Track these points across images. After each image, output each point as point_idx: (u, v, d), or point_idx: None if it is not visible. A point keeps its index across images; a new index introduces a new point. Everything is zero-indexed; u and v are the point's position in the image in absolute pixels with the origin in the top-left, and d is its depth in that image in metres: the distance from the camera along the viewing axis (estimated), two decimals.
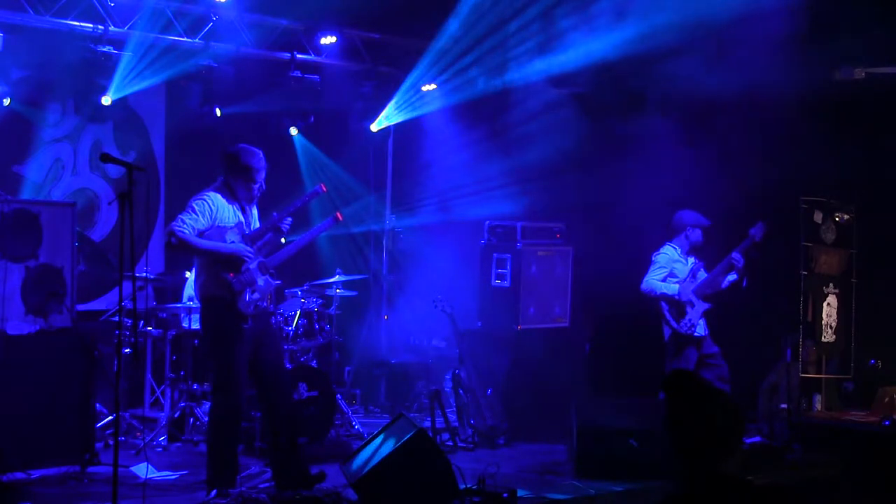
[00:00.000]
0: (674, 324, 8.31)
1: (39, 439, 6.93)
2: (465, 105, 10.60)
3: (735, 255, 8.21)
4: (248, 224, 6.67)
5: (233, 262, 6.45)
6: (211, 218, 6.44)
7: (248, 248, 6.52)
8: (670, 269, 8.38)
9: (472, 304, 9.60)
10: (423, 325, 10.26)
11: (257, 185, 6.63)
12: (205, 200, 6.48)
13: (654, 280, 8.35)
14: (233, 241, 6.51)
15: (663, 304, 8.36)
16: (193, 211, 6.42)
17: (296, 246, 6.92)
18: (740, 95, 8.63)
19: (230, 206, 6.58)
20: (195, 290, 6.69)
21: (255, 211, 6.82)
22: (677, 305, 8.30)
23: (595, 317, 9.67)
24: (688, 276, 8.36)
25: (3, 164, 9.42)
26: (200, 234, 6.41)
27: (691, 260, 8.45)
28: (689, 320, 8.27)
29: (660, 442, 5.46)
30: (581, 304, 9.59)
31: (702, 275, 8.38)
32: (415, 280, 10.50)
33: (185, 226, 6.35)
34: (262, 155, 6.67)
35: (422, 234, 11.05)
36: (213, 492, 6.43)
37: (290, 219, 6.65)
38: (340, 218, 7.04)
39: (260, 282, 6.57)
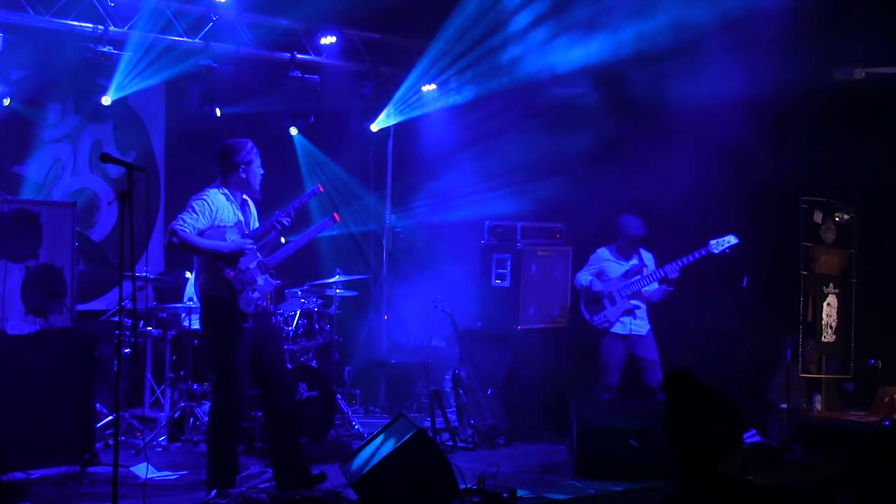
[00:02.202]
0: (586, 316, 8.65)
1: (39, 439, 6.92)
2: (465, 105, 10.61)
3: (673, 266, 8.30)
4: (248, 224, 6.69)
5: (234, 258, 6.46)
6: (211, 217, 6.46)
7: (249, 241, 6.54)
8: (599, 267, 8.69)
9: (472, 304, 9.60)
10: (423, 325, 10.25)
11: (252, 171, 6.63)
12: (205, 200, 6.50)
13: (580, 274, 8.77)
14: (232, 240, 6.52)
15: (581, 296, 8.71)
16: (194, 210, 6.44)
17: (294, 246, 6.93)
18: (741, 95, 8.62)
19: (230, 206, 6.59)
20: (195, 290, 6.70)
21: (254, 211, 6.83)
22: (593, 299, 8.60)
23: None
24: (620, 275, 8.56)
25: (3, 164, 9.42)
26: (201, 233, 6.43)
27: (633, 261, 8.55)
28: (605, 315, 8.54)
29: (660, 442, 5.45)
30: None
31: (636, 279, 8.50)
32: (415, 280, 10.49)
33: (185, 225, 6.36)
34: (251, 145, 6.70)
35: (422, 234, 11.05)
36: (213, 492, 6.43)
37: (289, 218, 6.67)
38: (338, 218, 7.05)
39: (260, 281, 6.58)
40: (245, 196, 6.74)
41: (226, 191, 6.62)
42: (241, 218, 6.64)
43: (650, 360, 8.50)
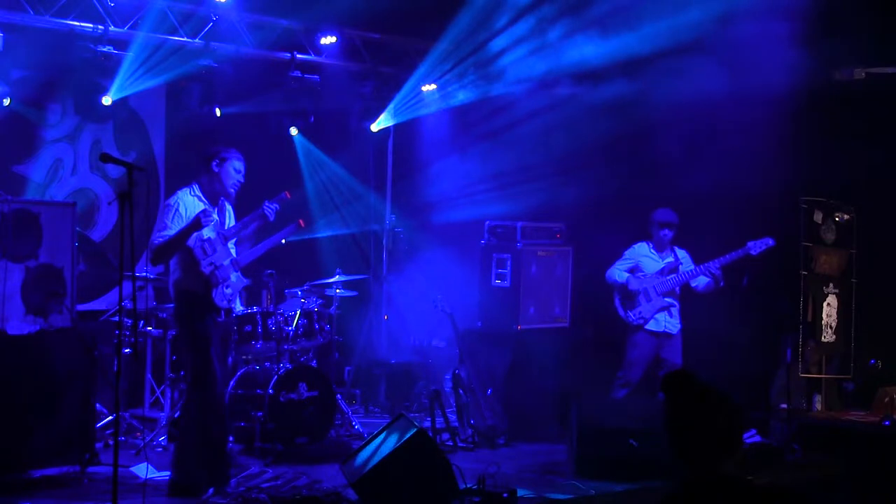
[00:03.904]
0: (621, 312, 8.65)
1: (39, 439, 6.92)
2: (466, 105, 10.61)
3: (713, 264, 8.32)
4: (223, 224, 6.73)
5: (199, 228, 6.44)
6: (185, 219, 6.48)
7: (208, 209, 6.53)
8: (635, 262, 8.70)
9: (472, 304, 9.59)
10: (423, 325, 10.26)
11: (226, 169, 6.67)
12: (171, 207, 6.57)
13: (615, 269, 8.71)
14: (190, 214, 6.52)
15: (615, 292, 8.68)
16: (165, 226, 6.51)
17: (260, 249, 7.01)
18: (740, 95, 8.63)
19: (202, 205, 6.59)
20: (169, 285, 6.72)
21: (231, 215, 6.85)
22: (628, 295, 8.60)
23: (595, 317, 9.68)
24: (655, 272, 8.48)
25: (3, 164, 9.43)
26: None
27: (669, 258, 8.55)
28: (640, 312, 8.56)
29: (660, 442, 5.46)
30: (581, 304, 9.59)
31: (672, 277, 8.51)
32: (415, 280, 10.49)
33: (157, 237, 6.48)
34: (233, 149, 6.75)
35: (422, 234, 11.05)
36: (210, 490, 6.44)
37: (262, 220, 6.73)
38: (302, 224, 7.13)
39: (233, 278, 6.69)
40: (221, 199, 6.75)
41: (197, 191, 6.65)
42: (216, 218, 6.65)
43: (674, 363, 8.50)
